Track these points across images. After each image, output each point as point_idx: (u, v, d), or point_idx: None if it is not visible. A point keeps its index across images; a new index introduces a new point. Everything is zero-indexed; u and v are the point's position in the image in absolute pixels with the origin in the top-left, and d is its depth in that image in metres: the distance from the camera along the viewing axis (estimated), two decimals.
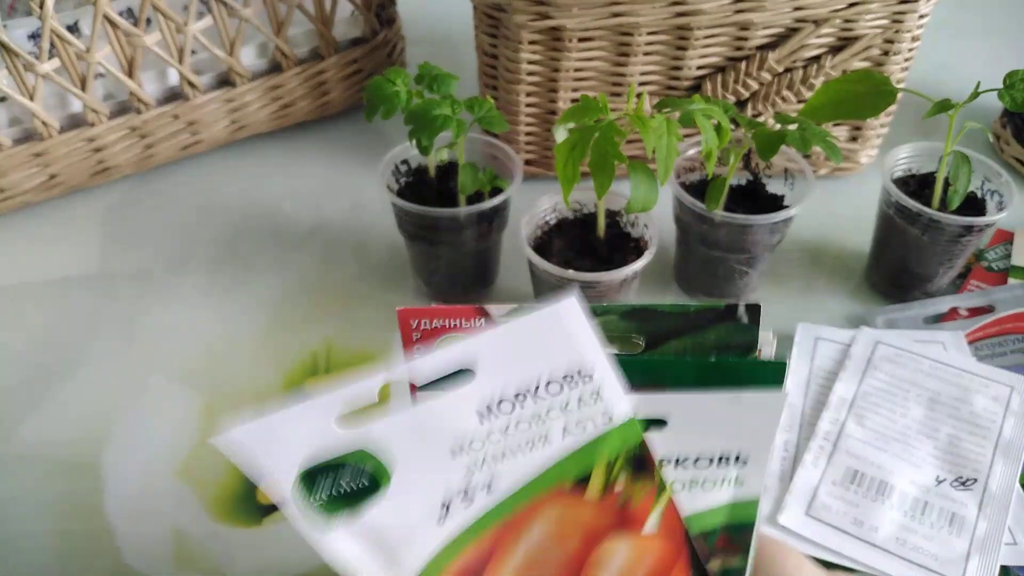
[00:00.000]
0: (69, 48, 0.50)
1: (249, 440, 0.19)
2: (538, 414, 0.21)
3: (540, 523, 0.21)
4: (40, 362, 0.46)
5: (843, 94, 0.43)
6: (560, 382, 0.21)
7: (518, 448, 0.21)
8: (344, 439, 0.20)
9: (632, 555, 0.22)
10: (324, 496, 0.20)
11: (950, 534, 0.35)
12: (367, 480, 0.20)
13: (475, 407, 0.20)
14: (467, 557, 0.21)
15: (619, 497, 0.22)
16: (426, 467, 0.20)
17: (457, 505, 0.21)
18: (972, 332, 0.44)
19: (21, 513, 0.39)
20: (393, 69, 0.42)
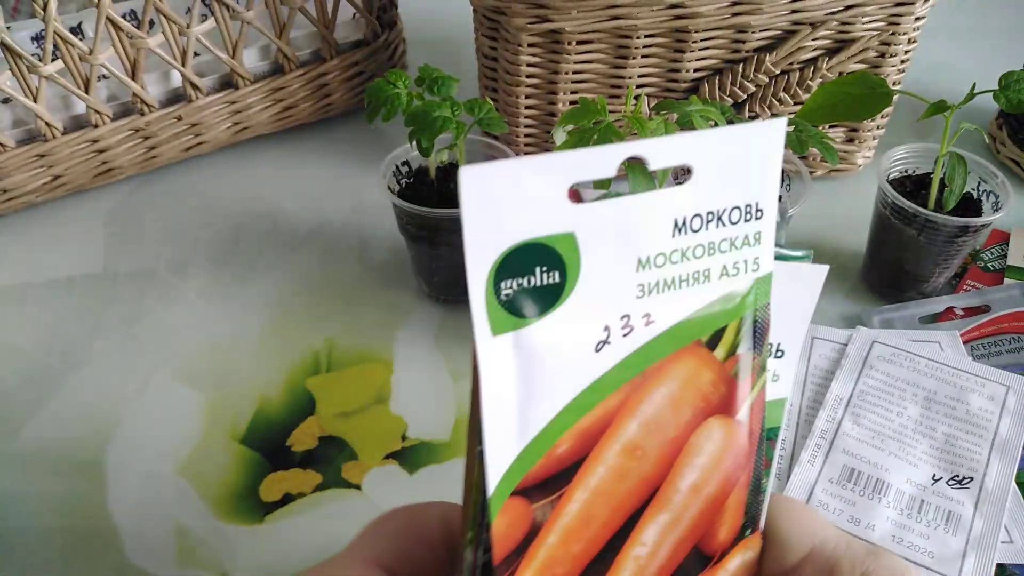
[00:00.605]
0: (72, 50, 0.50)
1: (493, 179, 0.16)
2: (713, 243, 0.19)
3: (668, 383, 0.20)
4: (44, 361, 0.46)
5: (839, 96, 0.43)
6: (741, 209, 0.19)
7: (683, 281, 0.19)
8: (566, 213, 0.17)
9: (723, 446, 0.21)
10: (512, 288, 0.17)
11: (946, 532, 0.35)
12: (556, 278, 0.18)
13: (676, 214, 0.18)
14: (594, 416, 0.19)
15: (736, 363, 0.20)
16: (610, 275, 0.18)
17: (616, 332, 0.19)
18: (968, 332, 0.44)
19: (25, 511, 0.39)
20: (394, 71, 0.43)
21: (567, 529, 0.20)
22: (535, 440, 0.19)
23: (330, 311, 0.49)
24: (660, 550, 0.21)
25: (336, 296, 0.50)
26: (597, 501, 0.20)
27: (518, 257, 0.17)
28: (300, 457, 0.41)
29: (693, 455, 0.20)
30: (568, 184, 0.17)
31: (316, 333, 0.47)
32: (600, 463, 0.20)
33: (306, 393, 0.44)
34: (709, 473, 0.21)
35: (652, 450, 0.20)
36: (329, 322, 0.48)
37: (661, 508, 0.20)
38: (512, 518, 0.19)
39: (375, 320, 0.48)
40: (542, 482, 0.19)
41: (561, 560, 0.20)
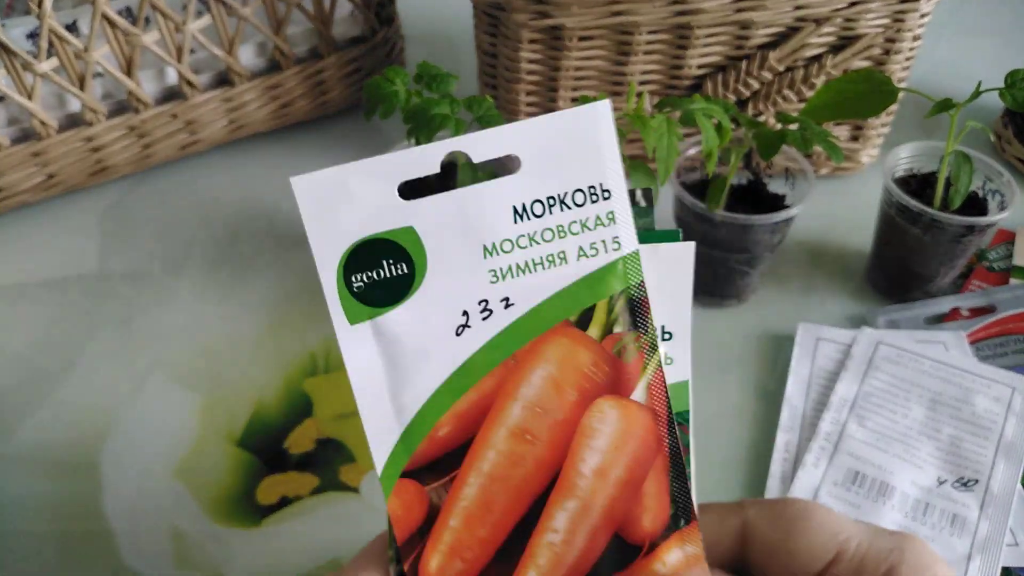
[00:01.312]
0: (67, 47, 0.50)
1: (324, 186, 0.19)
2: (562, 226, 0.20)
3: (543, 364, 0.21)
4: (38, 362, 0.46)
5: (844, 93, 0.42)
6: (585, 192, 0.20)
7: (538, 264, 0.20)
8: (400, 209, 0.19)
9: (621, 427, 0.21)
10: (363, 281, 0.19)
11: (951, 535, 0.35)
12: (404, 269, 0.19)
13: (513, 201, 0.20)
14: (470, 399, 0.20)
15: (616, 343, 0.21)
16: (458, 263, 0.20)
17: (476, 316, 0.20)
18: (974, 332, 0.44)
19: (20, 513, 0.38)
20: (392, 68, 0.42)
21: (468, 513, 0.21)
22: (413, 423, 0.20)
23: (327, 311, 0.48)
24: (575, 537, 0.21)
25: None
26: (494, 486, 0.21)
27: (363, 252, 0.19)
28: (297, 459, 0.40)
29: (589, 437, 0.21)
30: (396, 183, 0.19)
31: (313, 334, 0.47)
32: (489, 447, 0.21)
33: (303, 395, 0.44)
34: (612, 455, 0.21)
35: (542, 433, 0.21)
36: (326, 323, 0.47)
37: (567, 493, 0.21)
38: (405, 499, 0.20)
39: None
40: (429, 464, 0.20)
41: (468, 544, 0.21)
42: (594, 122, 0.20)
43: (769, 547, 0.21)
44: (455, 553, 0.21)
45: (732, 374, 0.44)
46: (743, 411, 0.42)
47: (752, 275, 0.46)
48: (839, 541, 0.21)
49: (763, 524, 0.22)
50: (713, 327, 0.47)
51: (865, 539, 0.21)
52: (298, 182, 0.18)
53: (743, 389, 0.43)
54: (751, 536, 0.22)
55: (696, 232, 0.44)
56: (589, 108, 0.19)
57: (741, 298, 0.48)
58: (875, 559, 0.20)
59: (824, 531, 0.21)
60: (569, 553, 0.21)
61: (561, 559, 0.21)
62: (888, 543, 0.20)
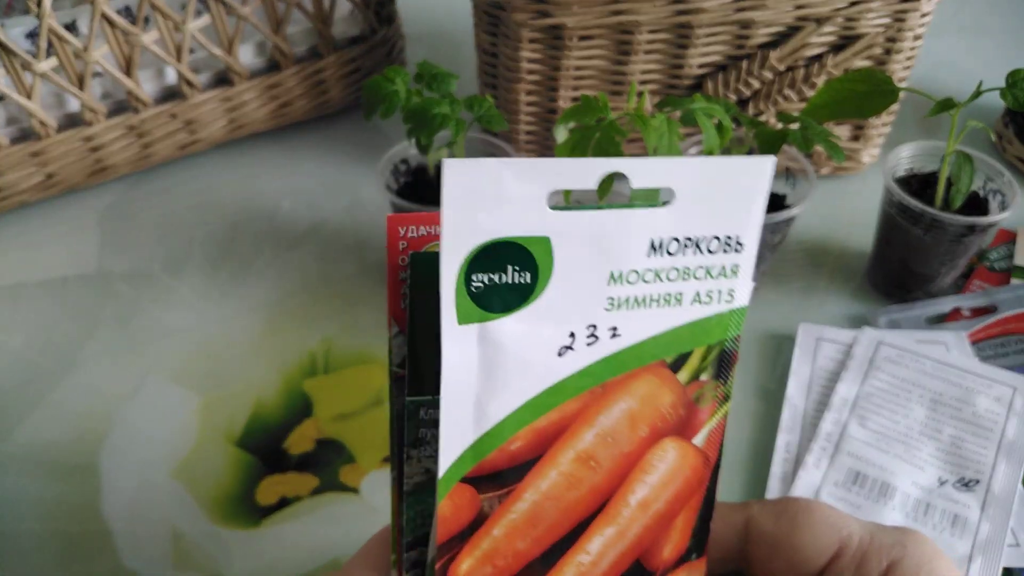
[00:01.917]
0: (67, 47, 0.49)
1: (477, 176, 0.17)
2: (688, 268, 0.20)
3: (627, 398, 0.21)
4: (37, 362, 0.46)
5: (845, 93, 0.42)
6: (721, 240, 0.20)
7: (654, 300, 0.20)
8: (543, 217, 0.18)
9: (675, 467, 0.21)
10: (483, 281, 0.18)
11: (952, 535, 0.35)
12: (527, 279, 0.19)
13: (652, 235, 0.19)
14: (551, 419, 0.20)
15: (697, 389, 0.21)
16: (581, 284, 0.19)
17: (581, 340, 0.20)
18: (975, 332, 0.44)
19: (18, 514, 0.38)
20: (392, 68, 0.42)
21: (513, 525, 0.21)
22: (490, 432, 0.20)
23: (327, 311, 0.48)
24: (603, 560, 0.21)
25: (334, 296, 0.49)
26: (547, 504, 0.21)
27: (492, 253, 0.18)
28: (297, 460, 0.40)
29: (645, 472, 0.21)
30: (548, 190, 0.18)
31: (313, 334, 0.47)
32: (553, 467, 0.21)
33: (303, 395, 0.43)
34: (659, 491, 0.21)
35: (605, 462, 0.21)
36: (326, 322, 0.47)
37: (609, 521, 0.21)
38: (458, 503, 0.20)
39: (373, 320, 0.47)
40: (492, 474, 0.20)
41: (503, 553, 0.21)
42: (757, 175, 0.19)
43: (772, 543, 0.21)
44: (488, 560, 0.21)
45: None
46: (744, 411, 0.42)
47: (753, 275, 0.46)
48: (841, 537, 0.21)
49: (767, 520, 0.22)
50: None
51: (867, 535, 0.21)
52: (450, 164, 0.17)
53: (744, 389, 0.43)
54: (755, 532, 0.22)
55: None
56: (758, 161, 0.19)
57: None
58: (877, 554, 0.20)
59: (827, 527, 0.21)
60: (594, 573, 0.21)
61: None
62: (890, 538, 0.20)
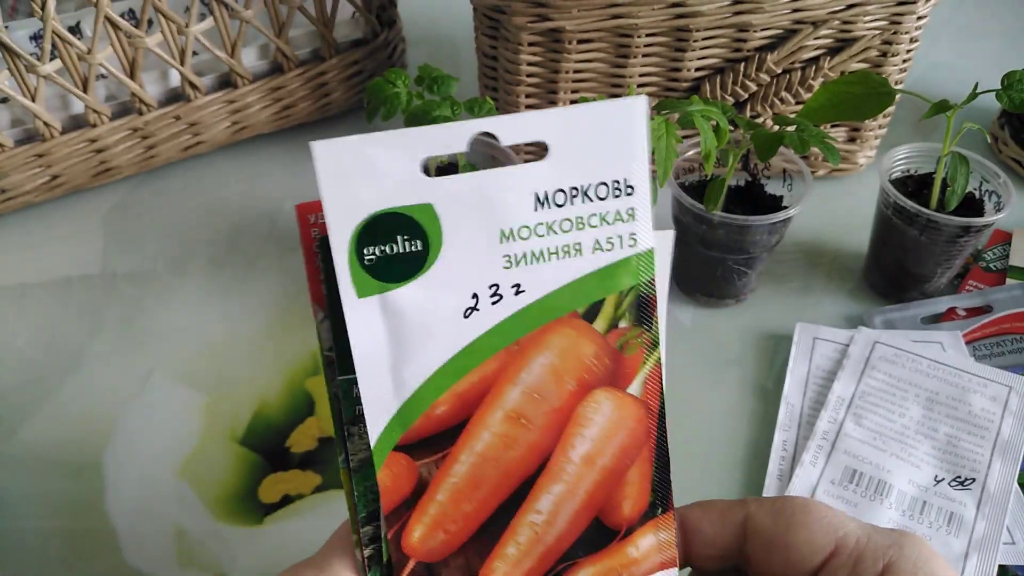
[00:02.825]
0: (71, 49, 0.50)
1: (345, 154, 0.18)
2: (581, 217, 0.20)
3: (546, 352, 0.21)
4: (42, 362, 0.46)
5: (841, 95, 0.43)
6: (609, 185, 0.20)
7: (553, 253, 0.20)
8: (421, 185, 0.18)
9: (614, 418, 0.21)
10: (375, 254, 0.18)
11: (948, 533, 0.35)
12: (418, 246, 0.19)
13: (536, 188, 0.19)
14: (471, 380, 0.20)
15: (619, 337, 0.21)
16: (474, 245, 0.19)
17: (485, 300, 0.20)
18: (970, 332, 0.44)
19: (22, 512, 0.39)
20: (394, 70, 0.42)
21: (456, 488, 0.21)
22: (412, 399, 0.20)
23: None
24: (557, 519, 0.21)
25: None
26: (485, 465, 0.21)
27: (378, 225, 0.18)
28: (300, 458, 0.41)
29: (582, 425, 0.21)
30: (420, 158, 0.18)
31: (315, 333, 0.47)
32: (484, 428, 0.21)
33: (305, 394, 0.44)
34: (601, 444, 0.21)
35: (537, 419, 0.21)
36: None
37: (554, 478, 0.21)
38: (396, 471, 0.20)
39: None
40: (423, 440, 0.20)
41: (452, 517, 0.21)
42: (629, 117, 0.19)
43: (769, 541, 0.22)
44: (438, 525, 0.21)
45: (730, 373, 0.44)
46: (741, 410, 0.42)
47: (750, 275, 0.46)
48: (838, 536, 0.21)
49: (764, 519, 0.22)
50: (711, 327, 0.47)
51: (864, 535, 0.21)
52: (318, 147, 0.17)
53: (741, 388, 0.43)
54: (752, 531, 0.22)
55: (694, 233, 0.44)
56: (626, 102, 0.19)
57: (739, 298, 0.48)
58: (873, 554, 0.20)
59: (823, 526, 0.21)
60: (549, 534, 0.21)
61: (540, 539, 0.21)
62: (887, 539, 0.21)
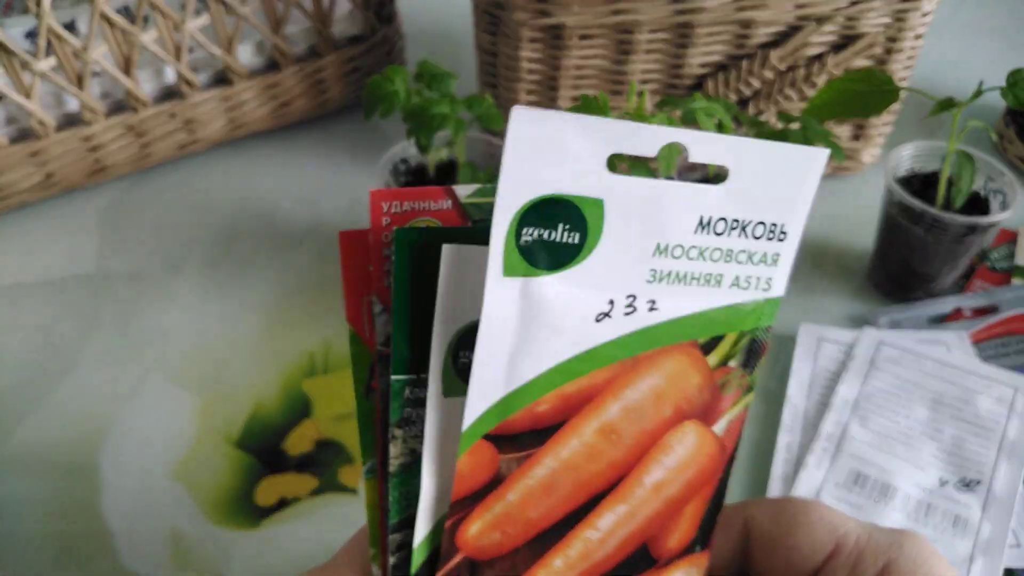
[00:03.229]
0: (66, 46, 0.49)
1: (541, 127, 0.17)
2: (732, 250, 0.20)
3: (656, 374, 0.20)
4: (36, 362, 0.46)
5: (846, 93, 0.42)
6: (766, 226, 0.20)
7: (695, 279, 0.20)
8: (601, 179, 0.18)
9: (693, 452, 0.21)
10: (533, 236, 0.18)
11: (954, 536, 0.35)
12: (576, 239, 0.18)
13: (702, 211, 0.19)
14: (580, 385, 0.20)
15: (724, 375, 0.21)
16: (627, 252, 0.19)
17: (620, 308, 0.19)
18: (976, 332, 0.44)
19: (18, 514, 0.38)
20: (392, 67, 0.42)
21: (529, 491, 0.20)
22: (519, 390, 0.19)
23: (327, 311, 0.48)
24: (611, 539, 0.21)
25: (333, 296, 0.49)
26: (564, 473, 0.21)
27: (546, 208, 0.18)
28: (296, 461, 0.40)
29: (663, 453, 0.21)
30: (609, 151, 0.18)
31: (312, 334, 0.47)
32: (575, 435, 0.21)
33: (302, 395, 0.43)
34: (674, 475, 0.21)
35: (627, 437, 0.21)
36: (325, 323, 0.47)
37: (622, 499, 0.21)
38: (478, 460, 0.20)
39: None
40: (515, 435, 0.20)
41: (515, 520, 0.21)
42: (808, 166, 0.19)
43: (770, 542, 0.22)
44: (499, 525, 0.20)
45: None
46: None
47: None
48: (838, 536, 0.21)
49: (764, 520, 0.22)
50: None
51: (864, 534, 0.21)
52: (519, 112, 0.17)
53: None
54: (753, 532, 0.22)
55: None
56: (812, 151, 0.19)
57: None
58: (873, 553, 0.20)
59: (823, 526, 0.21)
60: (600, 551, 0.21)
61: (590, 554, 0.21)
62: (887, 538, 0.21)
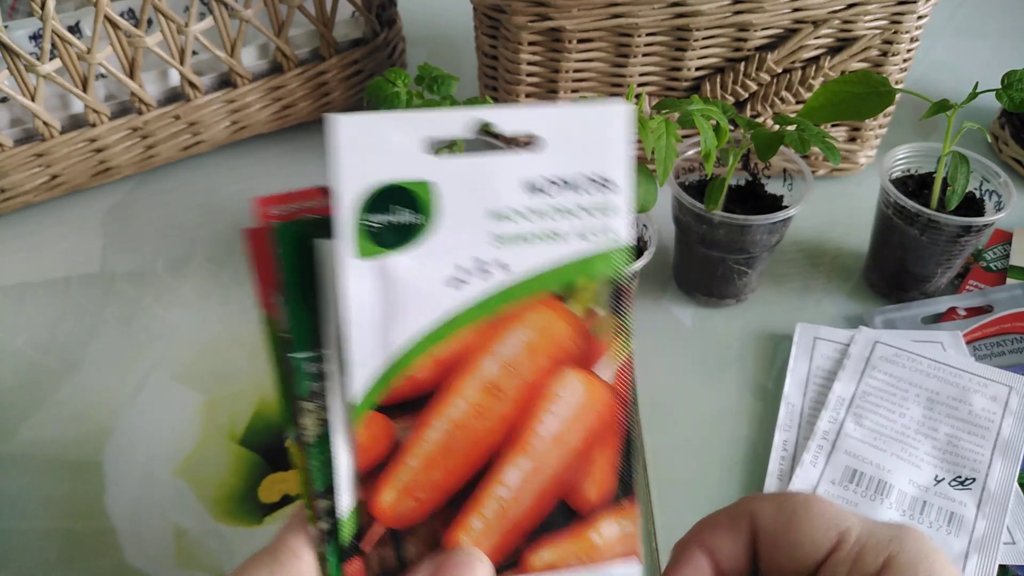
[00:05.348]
0: (70, 49, 0.50)
1: (362, 128, 0.20)
2: (567, 207, 0.22)
3: (524, 328, 0.22)
4: (41, 362, 0.46)
5: (842, 95, 0.43)
6: (595, 181, 0.22)
7: (538, 237, 0.22)
8: (424, 163, 0.20)
9: (583, 399, 0.22)
10: (378, 222, 0.20)
11: (949, 533, 0.35)
12: (416, 219, 0.21)
13: (527, 176, 0.21)
14: (451, 348, 0.22)
15: (594, 322, 0.22)
16: (465, 222, 0.21)
17: (473, 274, 0.21)
18: (970, 332, 0.44)
19: (23, 512, 0.39)
20: (393, 70, 0.42)
21: (427, 455, 0.22)
22: (396, 361, 0.21)
23: None
24: (523, 495, 0.22)
25: None
26: (457, 433, 0.22)
27: (384, 195, 0.20)
28: None
29: (551, 402, 0.22)
30: (424, 137, 0.20)
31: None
32: (459, 396, 0.22)
33: None
34: (570, 424, 0.22)
35: (510, 391, 0.22)
36: None
37: (522, 451, 0.22)
38: (374, 432, 0.21)
39: None
40: (402, 403, 0.22)
41: (423, 485, 0.22)
42: (613, 122, 0.21)
43: (773, 538, 0.22)
44: (409, 492, 0.22)
45: (730, 373, 0.44)
46: (741, 410, 0.42)
47: (750, 275, 0.46)
48: (839, 531, 0.21)
49: (767, 516, 0.22)
50: (712, 326, 0.47)
51: (865, 530, 0.21)
52: (339, 118, 0.19)
53: (741, 388, 0.43)
54: (758, 527, 0.22)
55: (695, 232, 0.44)
56: (612, 109, 0.21)
57: (739, 298, 0.48)
58: (874, 548, 0.21)
59: (825, 521, 0.21)
60: (515, 509, 0.22)
61: (506, 513, 0.22)
62: (887, 533, 0.21)
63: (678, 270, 0.49)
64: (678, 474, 0.39)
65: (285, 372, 0.22)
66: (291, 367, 0.22)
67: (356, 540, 0.22)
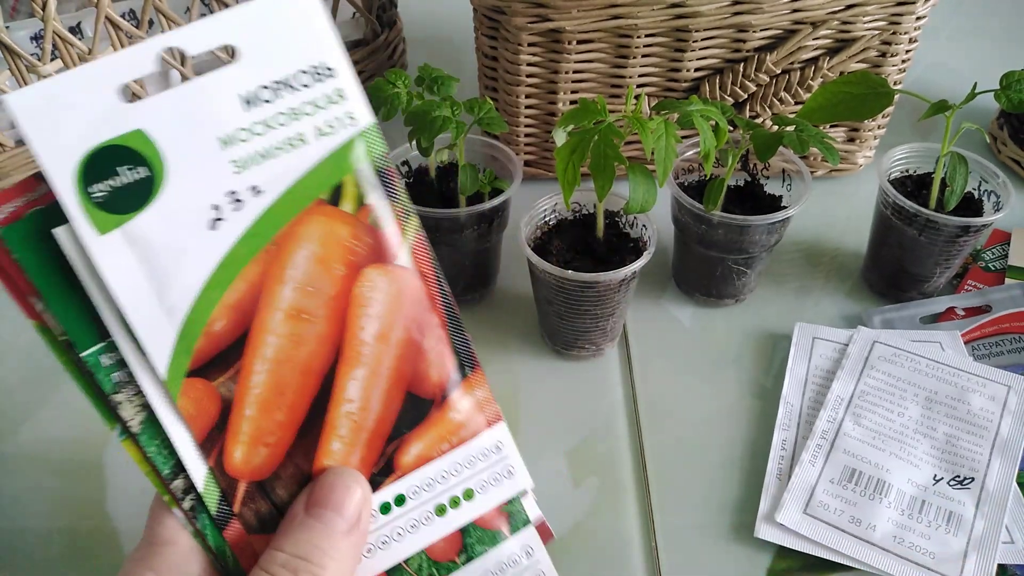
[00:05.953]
0: (71, 49, 0.50)
1: (42, 99, 0.18)
2: (294, 109, 0.20)
3: (305, 244, 0.21)
4: (42, 361, 0.46)
5: (840, 96, 0.43)
6: (309, 73, 0.21)
7: (278, 149, 0.20)
8: (124, 113, 0.19)
9: (392, 292, 0.22)
10: (103, 190, 0.19)
11: (947, 533, 0.35)
12: (143, 172, 0.19)
13: (239, 90, 0.20)
14: (239, 290, 0.21)
15: (371, 213, 0.21)
16: (196, 158, 0.20)
17: (227, 208, 0.20)
18: (969, 332, 0.44)
19: (24, 510, 0.39)
20: (394, 71, 0.43)
21: (261, 400, 0.21)
22: (187, 322, 0.20)
23: None
24: (370, 403, 0.22)
25: None
26: (281, 369, 0.21)
27: (97, 161, 0.19)
28: None
29: (364, 306, 0.22)
30: (115, 86, 0.19)
31: None
32: (268, 332, 0.21)
33: None
34: (389, 320, 0.22)
35: (318, 310, 0.21)
36: None
37: (354, 362, 0.22)
38: (196, 397, 0.20)
39: None
40: (212, 360, 0.21)
41: (268, 429, 0.21)
42: (305, 7, 0.20)
43: None
44: (257, 441, 0.21)
45: (729, 373, 0.44)
46: (740, 410, 0.42)
47: (749, 275, 0.46)
48: None
49: None
50: (711, 326, 0.47)
51: None
52: (12, 98, 0.18)
53: (740, 388, 0.43)
54: None
55: (694, 233, 0.45)
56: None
57: (738, 298, 0.48)
58: None
59: None
60: (367, 418, 0.22)
61: (361, 425, 0.22)
62: None
63: (677, 270, 0.49)
64: (677, 473, 0.39)
65: (83, 374, 0.21)
66: (87, 367, 0.20)
67: (224, 504, 0.21)
